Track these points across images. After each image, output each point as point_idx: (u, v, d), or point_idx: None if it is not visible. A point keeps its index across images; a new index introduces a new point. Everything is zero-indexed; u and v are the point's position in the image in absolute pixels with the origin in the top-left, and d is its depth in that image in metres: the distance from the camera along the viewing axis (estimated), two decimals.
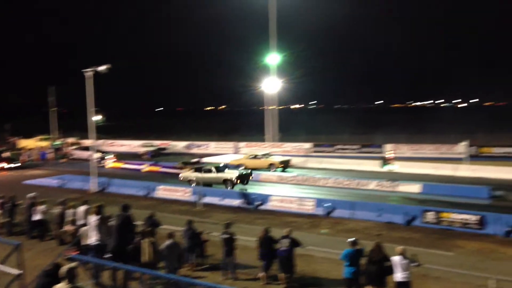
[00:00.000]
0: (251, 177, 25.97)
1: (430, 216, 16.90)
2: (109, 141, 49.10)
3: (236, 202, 21.61)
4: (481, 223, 15.81)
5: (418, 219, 17.11)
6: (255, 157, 32.24)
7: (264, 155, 32.62)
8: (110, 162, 36.27)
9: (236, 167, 30.08)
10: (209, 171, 25.64)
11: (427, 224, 16.79)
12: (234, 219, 17.34)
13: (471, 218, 16.10)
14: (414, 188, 23.23)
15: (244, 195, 21.72)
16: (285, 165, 31.56)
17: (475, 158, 30.84)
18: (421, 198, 21.59)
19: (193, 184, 25.12)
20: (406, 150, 35.75)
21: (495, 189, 21.76)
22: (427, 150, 35.52)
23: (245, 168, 29.44)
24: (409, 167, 29.64)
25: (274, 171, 30.26)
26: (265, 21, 41.81)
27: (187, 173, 26.52)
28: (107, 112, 47.49)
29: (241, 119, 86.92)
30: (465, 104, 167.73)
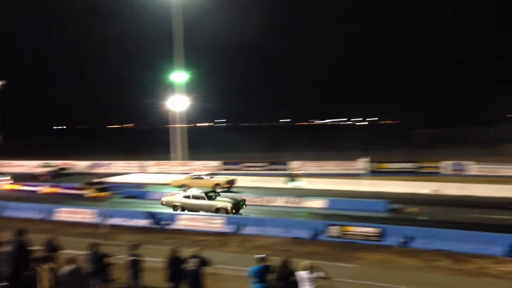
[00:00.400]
0: (244, 206, 23.21)
1: (334, 230, 17.65)
2: (6, 162, 45.58)
3: (143, 222, 21.02)
4: (381, 235, 16.80)
5: (323, 234, 17.78)
6: (199, 177, 30.63)
7: (208, 174, 31.37)
8: (6, 184, 33.67)
9: (180, 187, 29.07)
10: (199, 197, 22.88)
11: (332, 238, 17.49)
12: (141, 240, 16.84)
13: (372, 230, 17.06)
14: (319, 203, 23.95)
15: (151, 215, 21.19)
16: (231, 184, 30.30)
17: (374, 173, 32.89)
18: (326, 213, 22.33)
19: (178, 210, 22.85)
20: (311, 166, 36.99)
21: (392, 202, 23.18)
22: (331, 166, 37.12)
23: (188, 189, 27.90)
24: (315, 183, 30.74)
25: (221, 191, 27.53)
26: (170, 38, 41.68)
27: (171, 198, 24.03)
28: (4, 130, 44.30)
29: (148, 137, 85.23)
30: (365, 122, 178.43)
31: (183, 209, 22.81)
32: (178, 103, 42.60)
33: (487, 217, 20.31)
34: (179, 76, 42.35)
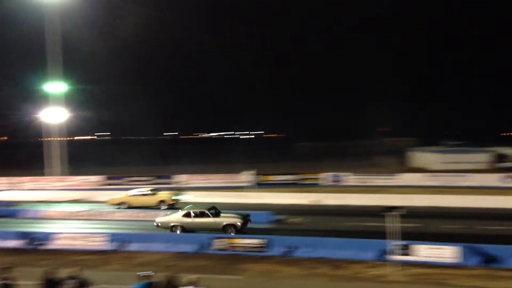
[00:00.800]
0: (249, 221, 21.42)
1: (220, 243, 17.69)
2: None
3: (15, 243, 19.24)
4: (265, 246, 17.19)
5: (209, 247, 17.73)
6: (142, 194, 28.18)
7: (151, 190, 28.88)
8: None
9: (118, 205, 27.14)
10: (203, 215, 20.72)
11: (218, 251, 17.51)
12: (13, 262, 15.30)
13: (257, 242, 17.41)
14: None
15: (25, 235, 19.48)
16: (177, 200, 28.05)
17: (260, 185, 33.72)
18: None
19: (178, 231, 20.63)
20: (198, 180, 36.98)
21: (276, 213, 23.87)
22: (217, 179, 37.33)
23: (129, 207, 26.71)
24: (202, 196, 30.62)
25: (166, 208, 26.32)
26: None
27: (168, 218, 21.40)
28: None
29: (22, 152, 78.48)
30: (251, 136, 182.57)
31: (183, 230, 20.61)
32: (54, 115, 39.81)
33: (362, 225, 21.92)
34: (55, 86, 39.54)
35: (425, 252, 15.71)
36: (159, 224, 21.13)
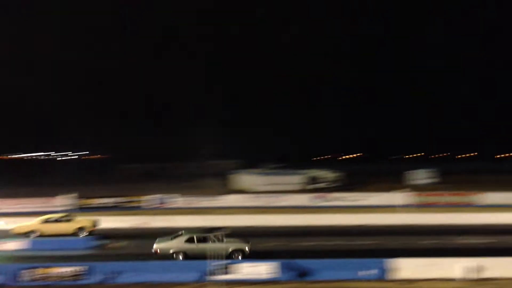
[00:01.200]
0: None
1: (30, 273, 15.99)
2: None
3: None
4: (84, 273, 16.09)
5: (15, 278, 15.92)
6: (56, 220, 24.79)
7: (64, 216, 25.29)
8: None
9: (26, 234, 23.84)
10: (206, 239, 19.14)
11: (28, 283, 15.83)
12: None
13: (74, 269, 16.19)
14: (17, 245, 21.87)
15: None
16: (95, 226, 25.51)
17: (82, 209, 31.93)
18: (25, 255, 20.38)
19: (180, 257, 19.07)
20: (10, 205, 33.31)
21: (97, 238, 22.97)
22: (31, 204, 34.18)
23: (41, 235, 24.00)
24: (14, 222, 27.57)
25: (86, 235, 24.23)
26: None
27: (168, 244, 19.48)
28: None
29: None
30: (73, 157, 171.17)
31: (186, 256, 19.04)
32: None
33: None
34: None
35: (246, 270, 16.52)
36: (158, 251, 19.32)
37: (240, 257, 19.00)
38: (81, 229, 25.03)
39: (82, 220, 25.74)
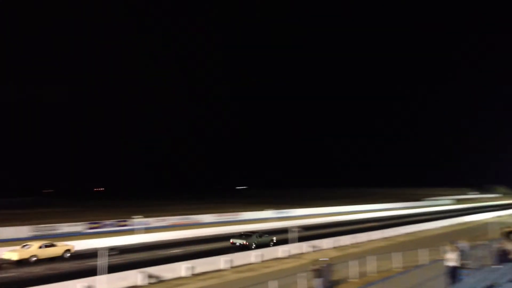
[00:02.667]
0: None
1: None
2: None
3: None
4: None
5: None
6: (48, 245, 32.34)
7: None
8: None
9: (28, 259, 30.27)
10: (261, 236, 40.36)
11: None
12: None
13: None
14: None
15: None
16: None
17: None
18: None
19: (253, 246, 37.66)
20: None
21: None
22: None
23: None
24: None
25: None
26: None
27: (243, 239, 38.50)
28: None
29: None
30: None
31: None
32: None
33: None
34: None
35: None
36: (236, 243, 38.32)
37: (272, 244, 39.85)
38: (67, 251, 33.44)
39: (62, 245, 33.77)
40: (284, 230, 44.97)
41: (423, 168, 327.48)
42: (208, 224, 59.65)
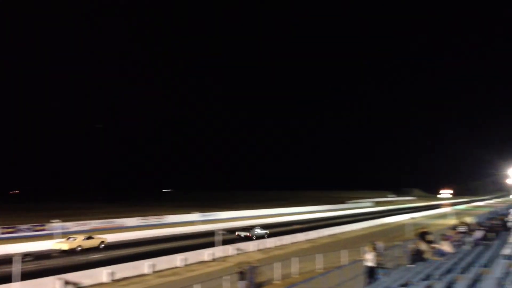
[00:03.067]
0: None
1: None
2: None
3: None
4: None
5: None
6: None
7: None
8: None
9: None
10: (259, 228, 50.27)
11: None
12: None
13: None
14: None
15: None
16: None
17: None
18: None
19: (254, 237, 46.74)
20: None
21: None
22: None
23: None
24: None
25: None
26: None
27: (246, 232, 47.76)
28: None
29: None
30: None
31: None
32: None
33: None
34: None
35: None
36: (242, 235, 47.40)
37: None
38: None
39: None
40: (210, 233, 44.67)
41: (349, 173, 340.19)
42: (132, 227, 57.81)
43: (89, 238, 39.50)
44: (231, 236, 45.72)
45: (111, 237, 45.77)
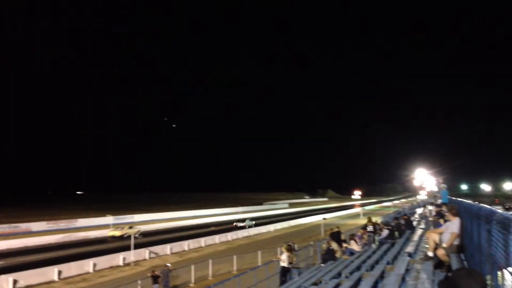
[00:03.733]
0: None
1: None
2: None
3: None
4: None
5: None
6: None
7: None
8: None
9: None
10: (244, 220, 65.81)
11: None
12: None
13: None
14: None
15: None
16: None
17: None
18: None
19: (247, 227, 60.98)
20: None
21: None
22: None
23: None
24: None
25: None
26: None
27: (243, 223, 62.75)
28: None
29: None
30: None
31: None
32: None
33: None
34: None
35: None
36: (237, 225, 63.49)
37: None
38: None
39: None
40: (123, 237, 43.16)
41: (268, 175, 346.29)
42: (39, 232, 54.39)
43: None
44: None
45: (15, 243, 42.78)
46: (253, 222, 66.06)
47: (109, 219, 65.13)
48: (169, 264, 26.31)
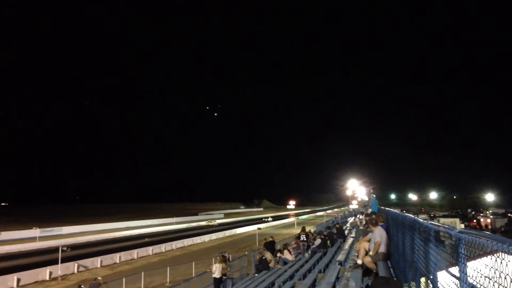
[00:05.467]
0: None
1: None
2: None
3: None
4: None
5: None
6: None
7: None
8: None
9: None
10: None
11: None
12: None
13: None
14: None
15: None
16: None
17: None
18: None
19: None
20: None
21: None
22: None
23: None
24: None
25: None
26: None
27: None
28: None
29: None
30: None
31: None
32: None
33: None
34: None
35: None
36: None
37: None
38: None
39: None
40: (51, 250, 41.10)
41: (205, 186, 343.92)
42: None
43: None
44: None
45: None
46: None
47: (36, 232, 61.85)
48: (99, 278, 25.26)
